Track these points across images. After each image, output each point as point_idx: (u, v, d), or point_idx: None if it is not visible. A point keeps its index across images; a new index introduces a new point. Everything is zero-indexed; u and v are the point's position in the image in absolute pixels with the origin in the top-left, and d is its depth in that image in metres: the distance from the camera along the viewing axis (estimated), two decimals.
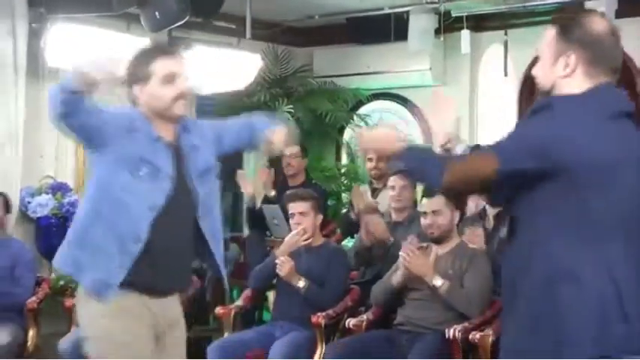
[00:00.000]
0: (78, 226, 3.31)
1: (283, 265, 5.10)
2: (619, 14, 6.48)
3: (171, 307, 3.40)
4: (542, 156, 2.36)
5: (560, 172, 2.36)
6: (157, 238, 3.21)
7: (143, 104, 3.32)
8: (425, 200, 4.87)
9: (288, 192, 5.66)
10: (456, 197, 2.88)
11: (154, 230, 3.21)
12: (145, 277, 3.22)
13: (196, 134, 3.44)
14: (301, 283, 5.08)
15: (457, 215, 4.89)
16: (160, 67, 3.29)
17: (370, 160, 6.53)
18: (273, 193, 6.47)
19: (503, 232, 5.15)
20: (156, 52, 3.38)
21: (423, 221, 4.83)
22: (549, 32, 2.55)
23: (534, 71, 2.60)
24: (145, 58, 3.34)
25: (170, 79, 3.29)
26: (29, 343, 5.46)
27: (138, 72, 3.32)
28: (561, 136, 2.36)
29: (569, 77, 2.50)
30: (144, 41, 6.37)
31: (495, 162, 2.40)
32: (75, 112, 3.08)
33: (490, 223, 5.35)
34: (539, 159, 2.36)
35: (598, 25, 2.51)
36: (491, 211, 5.34)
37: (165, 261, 3.27)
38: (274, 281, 5.41)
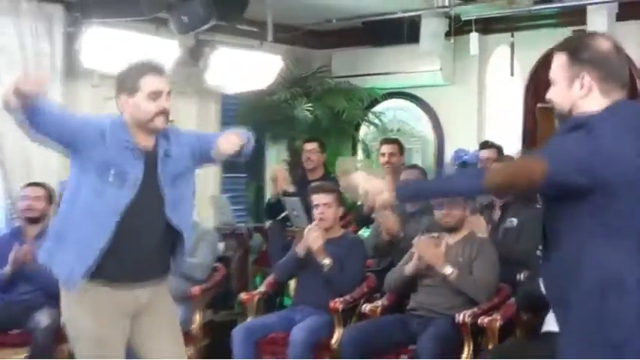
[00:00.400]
0: (55, 224, 3.48)
1: (316, 240, 5.12)
2: (619, 17, 6.46)
3: (143, 295, 3.47)
4: (588, 172, 2.35)
5: (604, 186, 2.36)
6: (121, 237, 3.30)
7: (127, 112, 3.39)
8: None
9: (312, 184, 5.66)
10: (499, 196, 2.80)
11: (119, 230, 3.29)
12: (110, 270, 3.33)
13: (174, 142, 3.48)
14: (326, 261, 5.08)
15: (469, 207, 4.90)
16: (148, 83, 3.36)
17: (383, 155, 6.54)
18: (291, 189, 6.49)
19: (511, 222, 5.17)
20: (146, 68, 3.41)
21: (439, 212, 4.83)
22: (559, 57, 2.53)
23: (549, 96, 2.58)
24: (135, 71, 3.40)
25: (155, 95, 3.35)
26: None
27: (127, 83, 3.39)
28: (605, 154, 2.35)
29: (586, 97, 2.48)
30: (172, 43, 6.44)
31: (544, 165, 2.37)
32: (34, 124, 3.16)
33: (497, 214, 5.35)
34: (585, 175, 2.35)
35: (604, 45, 2.50)
36: (498, 202, 5.34)
37: (130, 256, 3.37)
38: None
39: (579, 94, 2.49)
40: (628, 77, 2.56)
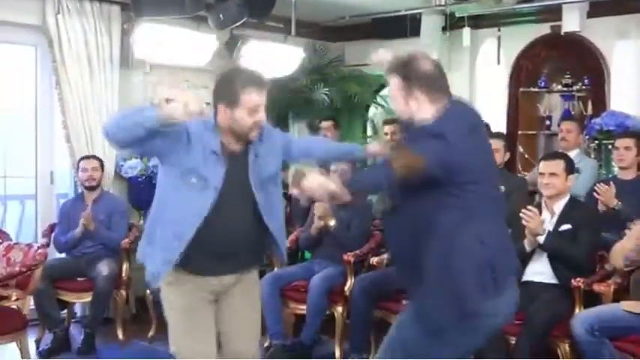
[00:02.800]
0: (146, 225, 3.16)
1: (319, 207, 5.10)
2: (590, 14, 6.35)
3: (229, 279, 3.15)
4: (445, 170, 2.52)
5: (454, 178, 2.55)
6: (206, 236, 2.93)
7: (222, 120, 2.95)
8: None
9: None
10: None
11: (203, 230, 2.92)
12: (195, 266, 3.01)
13: (266, 143, 3.08)
14: (332, 222, 5.08)
15: None
16: (251, 99, 2.90)
17: (386, 134, 6.50)
18: None
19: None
20: (249, 83, 2.92)
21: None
22: (394, 80, 2.73)
23: (394, 108, 2.79)
24: (238, 85, 2.92)
25: (255, 110, 2.92)
26: (123, 274, 5.54)
27: (228, 94, 2.92)
28: (456, 157, 2.53)
29: (419, 108, 2.67)
30: (210, 37, 6.41)
31: (423, 161, 2.50)
32: (135, 144, 2.84)
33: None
34: (444, 171, 2.52)
35: (426, 65, 2.69)
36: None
37: (214, 254, 3.02)
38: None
39: (415, 108, 2.68)
40: (447, 84, 2.73)
